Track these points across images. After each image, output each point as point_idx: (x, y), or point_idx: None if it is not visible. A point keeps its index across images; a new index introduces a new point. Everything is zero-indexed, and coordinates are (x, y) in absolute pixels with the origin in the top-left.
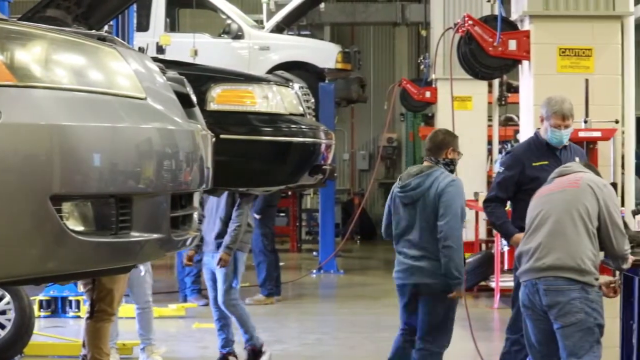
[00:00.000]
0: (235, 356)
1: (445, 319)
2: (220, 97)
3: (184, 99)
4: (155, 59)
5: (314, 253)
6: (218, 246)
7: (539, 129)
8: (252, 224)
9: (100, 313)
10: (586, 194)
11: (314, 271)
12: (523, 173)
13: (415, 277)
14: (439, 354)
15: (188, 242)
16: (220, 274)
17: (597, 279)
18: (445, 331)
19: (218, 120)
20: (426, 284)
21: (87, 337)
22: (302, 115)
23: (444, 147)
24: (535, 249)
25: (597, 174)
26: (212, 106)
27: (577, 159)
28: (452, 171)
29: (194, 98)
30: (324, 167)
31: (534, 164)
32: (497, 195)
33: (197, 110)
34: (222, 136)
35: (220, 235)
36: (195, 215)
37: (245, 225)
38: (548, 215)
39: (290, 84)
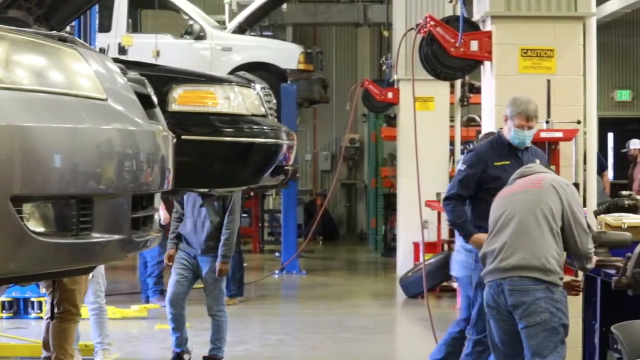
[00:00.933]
0: (189, 354)
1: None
2: (181, 98)
3: (144, 100)
4: (116, 60)
5: (277, 254)
6: (207, 249)
7: (501, 128)
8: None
9: (65, 313)
10: (549, 193)
11: (277, 272)
12: (485, 172)
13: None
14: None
15: (149, 243)
16: (210, 280)
17: (561, 279)
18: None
19: (180, 121)
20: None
21: (52, 338)
22: (264, 116)
23: None
24: (500, 249)
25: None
26: (174, 107)
27: (537, 160)
28: None
29: (154, 99)
30: (285, 167)
31: (496, 164)
32: (458, 193)
33: (158, 111)
34: (183, 137)
35: (211, 238)
36: (157, 216)
37: (236, 230)
38: (512, 215)
39: (252, 84)
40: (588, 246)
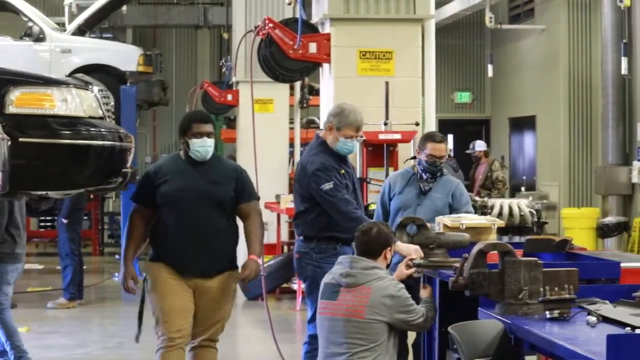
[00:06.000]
0: None
1: None
2: (19, 100)
3: None
4: None
5: (117, 256)
6: None
7: (320, 130)
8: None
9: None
10: (372, 326)
11: (117, 274)
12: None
13: None
14: None
15: None
16: None
17: None
18: None
19: (17, 124)
20: None
21: None
22: (101, 118)
23: None
24: None
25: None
26: (11, 109)
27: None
28: None
29: None
30: (124, 170)
31: (342, 172)
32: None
33: None
34: (21, 139)
35: None
36: None
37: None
38: (338, 351)
39: (90, 86)
40: (426, 326)
